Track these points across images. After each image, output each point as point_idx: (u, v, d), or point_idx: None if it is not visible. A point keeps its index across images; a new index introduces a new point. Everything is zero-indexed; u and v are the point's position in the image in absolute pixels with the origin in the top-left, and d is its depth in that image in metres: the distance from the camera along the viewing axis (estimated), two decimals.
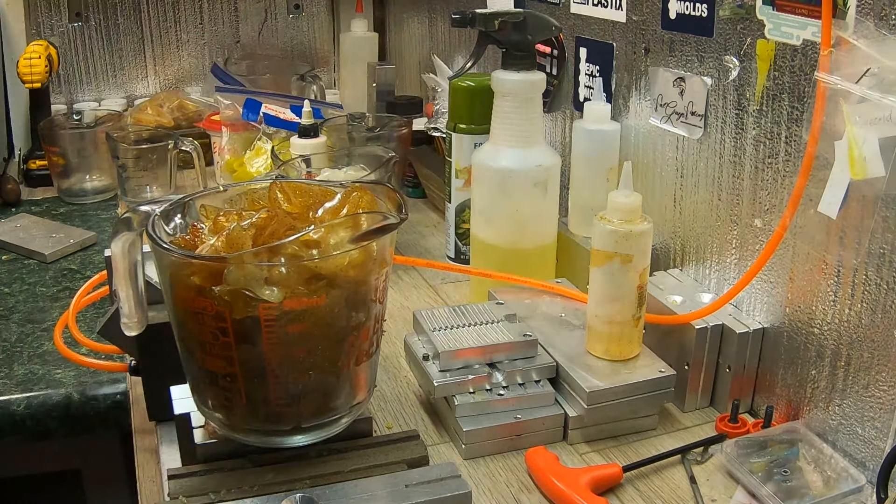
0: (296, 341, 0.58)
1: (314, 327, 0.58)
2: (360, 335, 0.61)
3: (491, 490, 0.71)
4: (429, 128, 1.32)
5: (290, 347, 0.59)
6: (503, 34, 0.93)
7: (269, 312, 0.56)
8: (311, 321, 0.58)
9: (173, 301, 0.60)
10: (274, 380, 0.60)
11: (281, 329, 0.57)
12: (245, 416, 0.62)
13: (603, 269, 0.76)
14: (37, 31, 1.67)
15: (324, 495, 0.60)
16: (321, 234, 0.58)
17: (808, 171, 0.68)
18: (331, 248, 0.58)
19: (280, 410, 0.61)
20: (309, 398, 0.62)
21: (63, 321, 0.86)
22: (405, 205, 0.62)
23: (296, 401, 0.61)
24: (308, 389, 0.61)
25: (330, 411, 0.63)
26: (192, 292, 0.57)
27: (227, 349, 0.58)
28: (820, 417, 0.74)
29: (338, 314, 0.59)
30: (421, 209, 1.37)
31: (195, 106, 1.68)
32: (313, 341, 0.59)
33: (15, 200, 1.46)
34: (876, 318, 0.67)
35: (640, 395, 0.76)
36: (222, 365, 0.59)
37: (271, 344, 0.58)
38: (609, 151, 0.97)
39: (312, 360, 0.60)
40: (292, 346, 0.59)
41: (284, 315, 0.57)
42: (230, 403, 0.62)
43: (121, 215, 0.62)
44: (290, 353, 0.59)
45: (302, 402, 0.62)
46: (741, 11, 0.77)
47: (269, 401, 0.61)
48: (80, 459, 1.03)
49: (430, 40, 1.60)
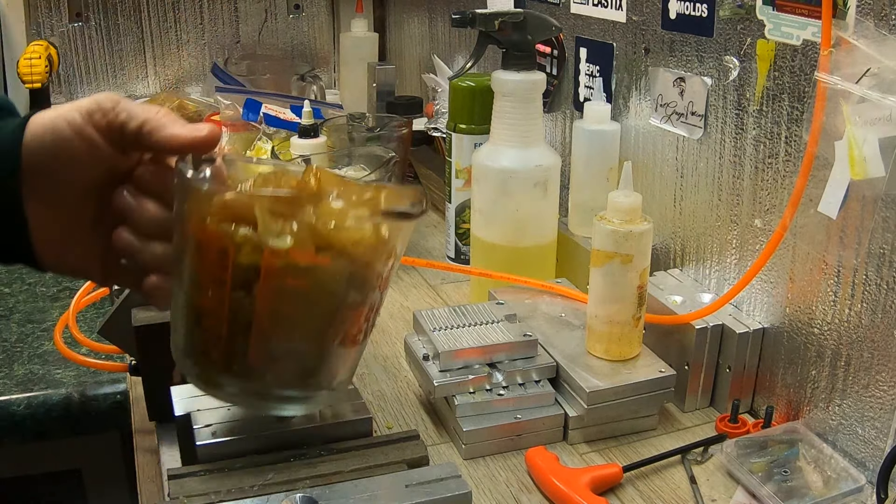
0: (290, 298, 0.58)
1: (311, 289, 0.58)
2: (353, 316, 0.61)
3: (491, 490, 0.71)
4: (429, 128, 1.32)
5: (284, 302, 0.59)
6: (503, 34, 0.93)
7: (274, 260, 0.57)
8: (311, 281, 0.58)
9: (182, 231, 0.59)
10: (258, 333, 0.59)
11: (280, 280, 0.57)
12: (219, 365, 0.61)
13: (603, 270, 0.76)
14: (37, 31, 1.67)
15: (324, 495, 0.60)
16: (342, 206, 0.58)
17: (808, 171, 0.68)
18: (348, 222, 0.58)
19: (254, 367, 0.60)
20: (285, 363, 0.61)
21: (63, 321, 0.86)
22: (427, 200, 0.62)
23: (273, 362, 0.61)
24: (287, 352, 0.61)
25: (302, 387, 0.63)
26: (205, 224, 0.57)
27: (222, 289, 0.58)
28: (820, 417, 0.74)
29: (336, 285, 0.59)
30: None
31: (195, 106, 1.68)
32: (306, 304, 0.59)
33: None
34: (876, 318, 0.67)
35: (640, 395, 0.76)
36: (212, 307, 0.59)
37: (267, 294, 0.58)
38: (609, 151, 0.97)
39: (300, 321, 0.60)
40: (286, 301, 0.58)
41: (287, 267, 0.57)
42: (207, 349, 0.61)
43: None
44: (281, 309, 0.59)
45: (277, 365, 0.61)
46: (741, 11, 0.77)
47: (248, 354, 0.60)
48: (80, 459, 1.03)
49: (430, 40, 1.60)
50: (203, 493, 0.61)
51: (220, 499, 0.60)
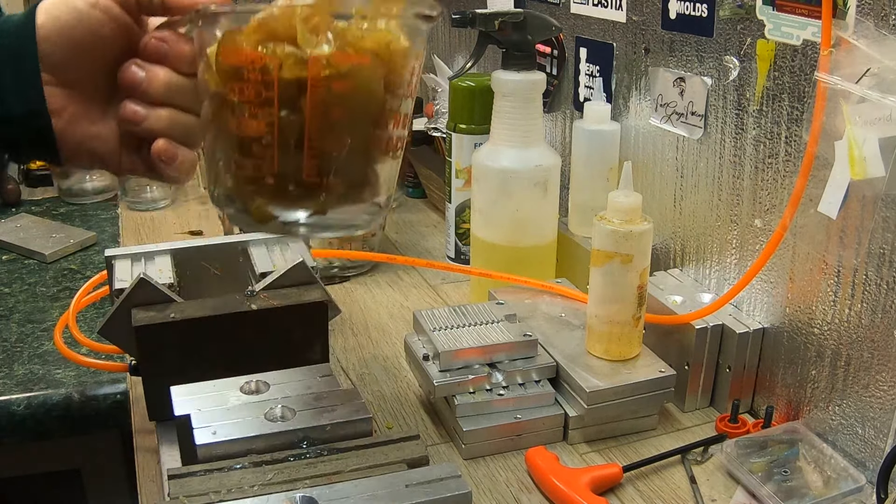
0: (337, 102, 0.60)
1: (355, 91, 0.60)
2: (392, 122, 0.63)
3: (491, 490, 0.71)
4: (429, 128, 1.32)
5: (331, 110, 0.60)
6: (503, 34, 0.93)
7: (319, 69, 0.58)
8: (354, 83, 0.60)
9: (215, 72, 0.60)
10: (310, 149, 0.61)
11: (326, 88, 0.59)
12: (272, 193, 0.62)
13: (603, 269, 0.77)
14: None
15: (324, 495, 0.60)
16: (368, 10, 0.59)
17: (808, 171, 0.68)
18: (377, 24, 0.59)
19: (310, 183, 0.61)
20: (338, 176, 0.62)
21: (63, 321, 0.86)
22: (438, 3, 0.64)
23: (326, 175, 0.62)
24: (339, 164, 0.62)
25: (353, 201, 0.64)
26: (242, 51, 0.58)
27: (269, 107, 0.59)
28: (820, 417, 0.74)
29: (377, 84, 0.61)
30: (421, 209, 1.38)
31: None
32: (353, 108, 0.61)
33: (15, 200, 1.46)
34: (876, 318, 0.67)
35: (640, 395, 0.76)
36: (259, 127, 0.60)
37: (316, 104, 0.59)
38: (609, 151, 0.97)
39: (349, 127, 0.61)
40: (333, 107, 0.60)
41: (332, 73, 0.58)
42: (257, 180, 0.62)
43: None
44: (330, 117, 0.60)
45: (331, 179, 0.62)
46: (741, 11, 0.77)
47: (301, 170, 0.61)
48: (80, 459, 1.03)
49: (430, 40, 1.60)
50: (203, 493, 0.61)
51: (220, 499, 0.60)
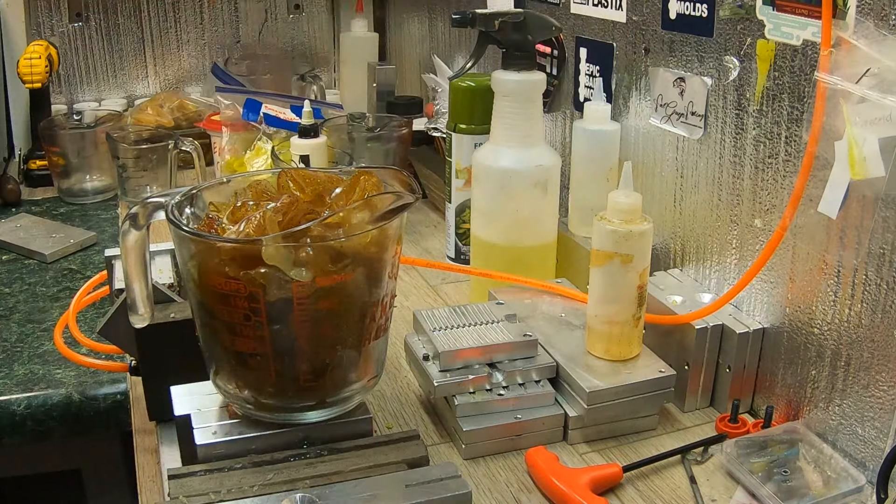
0: (324, 318, 0.62)
1: (341, 304, 0.62)
2: (379, 309, 0.65)
3: (491, 490, 0.71)
4: (429, 128, 1.32)
5: (320, 324, 0.62)
6: (503, 34, 0.93)
7: (302, 291, 0.60)
8: (339, 297, 0.62)
9: (200, 288, 0.62)
10: (303, 357, 0.63)
11: (312, 306, 0.61)
12: (274, 394, 0.64)
13: (603, 269, 0.76)
14: (37, 31, 1.67)
15: (324, 495, 0.60)
16: (342, 216, 0.61)
17: (808, 171, 0.68)
18: (353, 229, 0.61)
19: (308, 386, 0.64)
20: (334, 373, 0.65)
21: (63, 321, 0.86)
22: (416, 183, 0.65)
23: (322, 376, 0.64)
24: (334, 364, 0.64)
25: (349, 385, 0.67)
26: (223, 277, 0.60)
27: (259, 329, 0.61)
28: (820, 417, 0.74)
29: (361, 290, 0.63)
30: (421, 209, 1.37)
31: (195, 106, 1.68)
32: (340, 317, 0.63)
33: (15, 200, 1.46)
34: (876, 318, 0.67)
35: (640, 395, 0.76)
36: (253, 345, 0.62)
37: (302, 321, 0.61)
38: (609, 151, 0.97)
39: (338, 335, 0.63)
40: (321, 323, 0.62)
41: (316, 293, 0.60)
42: (259, 383, 0.64)
43: (128, 211, 0.64)
44: (319, 330, 0.62)
45: (328, 378, 0.65)
46: (741, 11, 0.77)
47: (298, 377, 0.64)
48: (80, 459, 1.03)
49: (430, 40, 1.60)
50: (203, 493, 0.61)
51: (220, 499, 0.60)
